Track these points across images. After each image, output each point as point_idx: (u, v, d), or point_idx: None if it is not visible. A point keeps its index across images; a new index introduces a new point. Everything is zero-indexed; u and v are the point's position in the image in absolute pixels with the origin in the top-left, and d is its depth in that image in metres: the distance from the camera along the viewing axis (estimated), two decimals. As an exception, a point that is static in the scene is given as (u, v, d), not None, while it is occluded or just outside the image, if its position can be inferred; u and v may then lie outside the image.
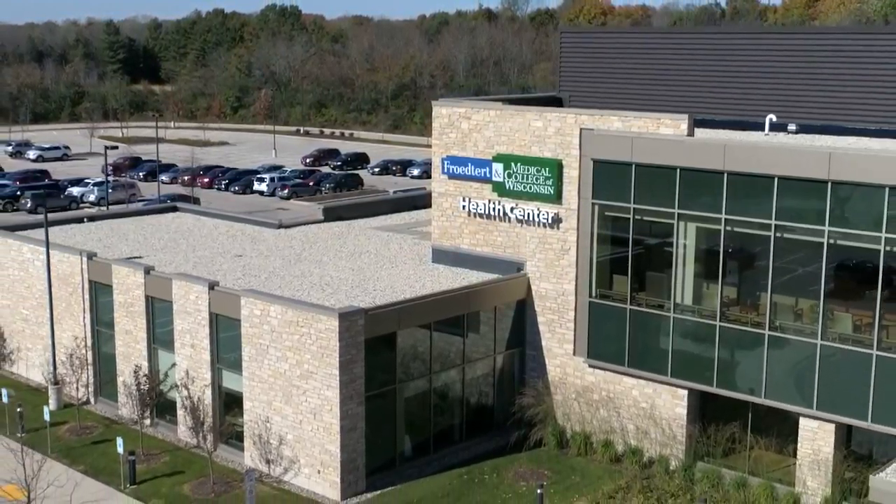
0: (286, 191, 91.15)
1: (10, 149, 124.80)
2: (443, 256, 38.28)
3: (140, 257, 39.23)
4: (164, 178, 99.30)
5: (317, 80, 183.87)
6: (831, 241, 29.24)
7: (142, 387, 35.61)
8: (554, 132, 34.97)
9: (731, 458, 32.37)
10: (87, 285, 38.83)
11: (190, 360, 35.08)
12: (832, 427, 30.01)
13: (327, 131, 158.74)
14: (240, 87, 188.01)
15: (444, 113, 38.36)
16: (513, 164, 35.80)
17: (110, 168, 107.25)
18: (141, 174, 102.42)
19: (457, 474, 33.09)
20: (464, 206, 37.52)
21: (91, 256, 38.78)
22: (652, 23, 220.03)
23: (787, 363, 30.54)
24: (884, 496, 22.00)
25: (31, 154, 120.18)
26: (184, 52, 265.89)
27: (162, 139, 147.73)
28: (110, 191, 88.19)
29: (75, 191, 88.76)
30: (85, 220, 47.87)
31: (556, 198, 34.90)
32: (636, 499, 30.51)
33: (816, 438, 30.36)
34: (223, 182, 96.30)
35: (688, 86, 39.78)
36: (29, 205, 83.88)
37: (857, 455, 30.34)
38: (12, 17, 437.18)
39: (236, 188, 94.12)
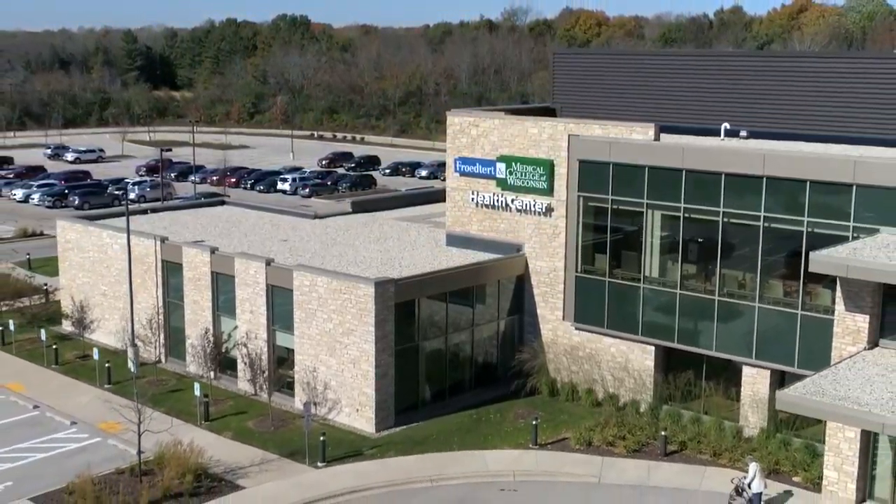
0: (307, 190, 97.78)
1: (48, 151, 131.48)
2: (455, 240, 45.06)
3: (203, 241, 45.95)
4: (194, 178, 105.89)
5: (328, 88, 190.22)
6: (766, 224, 35.90)
7: (208, 346, 42.41)
8: (547, 137, 41.72)
9: (689, 401, 39.08)
10: (160, 264, 45.60)
11: (249, 323, 41.85)
12: (767, 373, 36.64)
13: (339, 135, 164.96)
14: (256, 93, 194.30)
15: (456, 121, 45.17)
16: (513, 164, 42.57)
17: (144, 169, 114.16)
18: (172, 175, 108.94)
19: (467, 415, 39.82)
20: (472, 199, 44.32)
21: (164, 240, 45.59)
22: (644, 34, 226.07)
23: (733, 323, 37.22)
24: (785, 405, 28.75)
25: (69, 156, 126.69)
26: (198, 59, 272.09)
27: (188, 143, 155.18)
28: (148, 189, 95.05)
29: (116, 189, 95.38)
30: (148, 211, 54.57)
31: (549, 191, 41.67)
32: (611, 430, 37.20)
33: (755, 383, 37.00)
34: (249, 182, 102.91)
35: (659, 99, 46.33)
36: (77, 202, 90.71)
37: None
38: (27, 24, 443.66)
39: (261, 188, 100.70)
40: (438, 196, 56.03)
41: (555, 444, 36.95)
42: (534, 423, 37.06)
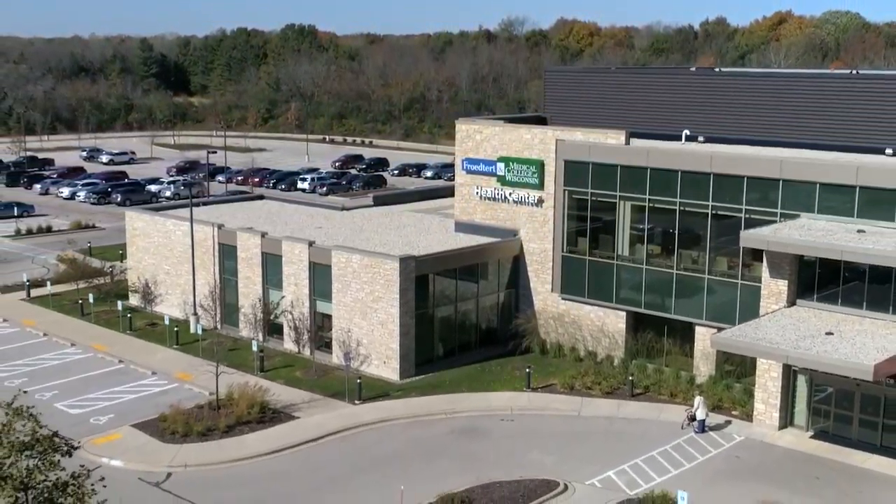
0: (324, 188, 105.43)
1: (84, 154, 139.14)
2: (462, 227, 52.91)
3: (252, 228, 53.76)
4: (220, 178, 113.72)
5: (337, 95, 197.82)
6: (713, 212, 43.79)
7: (259, 314, 50.28)
8: (538, 142, 49.60)
9: (653, 356, 46.94)
10: (216, 247, 53.45)
11: (294, 294, 49.72)
12: (715, 331, 44.35)
13: (349, 139, 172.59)
14: (269, 100, 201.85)
15: (463, 128, 53.01)
16: (511, 163, 50.44)
17: (174, 170, 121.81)
18: (201, 175, 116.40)
19: (473, 367, 47.69)
20: (477, 193, 52.19)
21: (220, 226, 53.46)
22: (634, 43, 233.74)
23: (688, 291, 45.08)
24: (718, 345, 36.65)
25: (104, 158, 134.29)
26: (211, 66, 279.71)
27: (210, 146, 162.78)
28: (182, 188, 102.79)
29: (153, 188, 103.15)
30: (200, 205, 62.35)
31: (540, 186, 49.53)
32: (589, 378, 45.06)
33: (705, 339, 44.58)
34: (271, 181, 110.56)
35: (632, 109, 53.82)
36: (119, 199, 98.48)
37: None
38: (40, 31, 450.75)
39: (282, 186, 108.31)
40: (446, 192, 64.01)
41: (544, 389, 44.84)
42: (527, 371, 44.99)
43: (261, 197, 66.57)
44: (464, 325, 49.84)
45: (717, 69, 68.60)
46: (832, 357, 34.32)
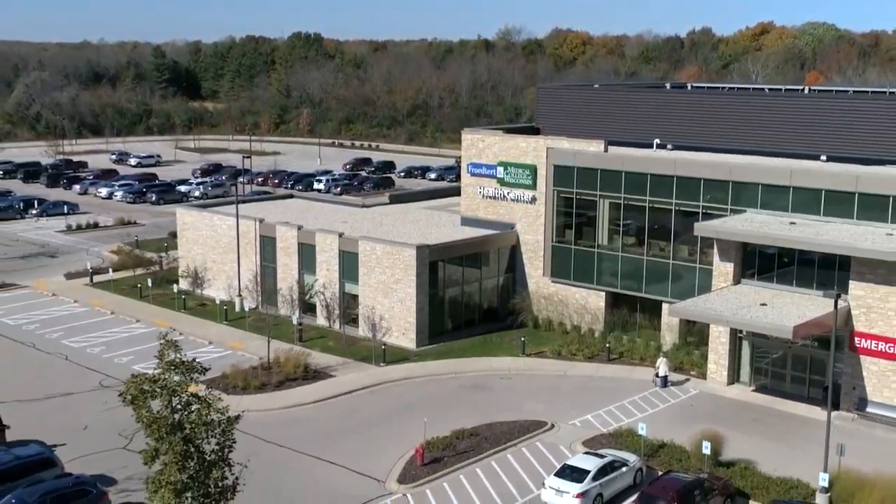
0: (338, 189, 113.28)
1: (113, 157, 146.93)
2: (467, 221, 60.94)
3: (288, 222, 61.75)
4: (242, 179, 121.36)
5: (344, 101, 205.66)
6: (676, 208, 51.83)
7: (295, 295, 58.32)
8: (532, 149, 57.66)
9: (627, 328, 54.99)
10: (258, 239, 61.47)
11: (326, 277, 57.76)
12: (678, 307, 52.58)
13: (357, 143, 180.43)
14: (281, 106, 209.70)
15: (468, 137, 61.08)
16: (509, 167, 58.49)
17: (199, 172, 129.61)
18: (223, 177, 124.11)
19: (477, 338, 55.75)
20: (480, 192, 60.25)
21: (261, 221, 61.51)
22: (625, 52, 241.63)
23: (656, 274, 53.14)
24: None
25: (132, 161, 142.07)
26: (221, 72, 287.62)
27: (227, 150, 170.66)
28: (210, 188, 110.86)
29: (183, 188, 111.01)
30: (238, 202, 70.20)
31: (533, 186, 57.58)
32: (574, 346, 53.14)
33: (680, 317, 52.74)
34: (289, 183, 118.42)
35: (612, 120, 61.83)
36: (153, 198, 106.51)
37: (693, 323, 52.85)
38: (51, 36, 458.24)
39: (299, 187, 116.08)
40: (452, 192, 72.10)
41: (536, 355, 52.93)
42: (522, 340, 53.10)
43: (290, 196, 74.67)
44: (469, 304, 57.95)
45: (689, 85, 76.59)
46: (762, 321, 42.51)
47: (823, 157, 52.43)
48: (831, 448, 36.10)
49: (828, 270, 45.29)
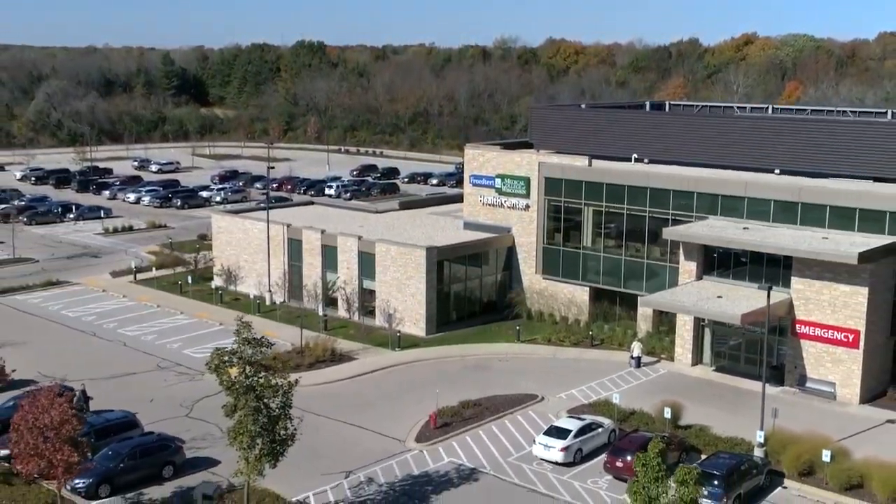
0: (348, 194, 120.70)
1: (135, 163, 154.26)
2: (469, 225, 68.54)
3: (312, 226, 69.26)
4: (258, 185, 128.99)
5: (349, 108, 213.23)
6: (650, 215, 59.43)
7: (319, 290, 65.87)
8: (526, 163, 65.28)
9: (608, 319, 62.63)
10: (286, 241, 68.99)
11: (346, 275, 65.32)
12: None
13: (362, 150, 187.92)
14: (288, 113, 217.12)
15: (470, 153, 68.71)
16: (505, 179, 66.09)
17: (217, 178, 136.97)
18: (240, 183, 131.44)
19: (478, 328, 63.33)
20: (480, 200, 67.84)
21: (288, 225, 69.05)
22: (616, 61, 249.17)
23: (633, 271, 60.76)
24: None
25: (153, 168, 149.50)
26: (228, 80, 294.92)
27: (240, 156, 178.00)
28: (230, 194, 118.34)
29: (204, 194, 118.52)
30: (262, 209, 77.76)
31: (527, 195, 65.18)
32: (562, 334, 60.76)
33: (651, 307, 60.34)
34: (301, 188, 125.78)
35: (596, 137, 69.07)
36: (179, 203, 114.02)
37: (664, 313, 60.36)
38: (53, 41, 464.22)
39: (311, 193, 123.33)
40: (455, 199, 79.66)
41: (530, 341, 60.53)
42: (517, 329, 60.75)
43: (311, 202, 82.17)
44: (471, 297, 65.58)
45: (667, 104, 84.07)
46: (716, 310, 50.23)
47: (777, 171, 59.92)
48: (768, 413, 43.76)
49: (774, 268, 52.92)
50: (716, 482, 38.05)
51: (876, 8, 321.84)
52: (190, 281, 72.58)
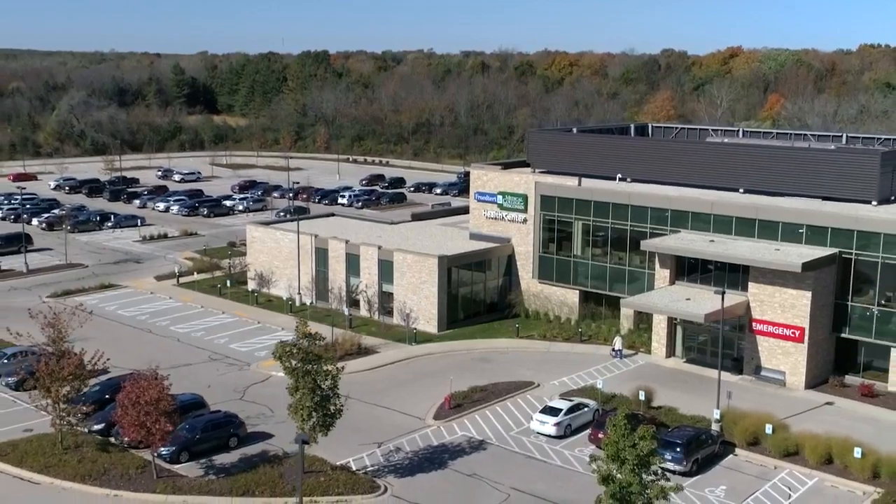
0: (360, 203, 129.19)
1: (159, 173, 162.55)
2: (475, 236, 77.09)
3: (336, 237, 77.72)
4: (276, 194, 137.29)
5: (355, 119, 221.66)
6: (631, 229, 68.00)
7: (343, 293, 74.39)
8: (523, 182, 73.85)
9: (596, 318, 71.19)
10: (314, 250, 77.47)
11: (367, 279, 73.84)
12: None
13: (369, 159, 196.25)
14: (298, 123, 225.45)
15: (475, 173, 77.34)
16: (506, 196, 74.66)
17: (237, 187, 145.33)
18: (259, 192, 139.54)
19: (482, 325, 71.88)
20: (484, 214, 76.40)
21: (316, 236, 77.55)
22: (608, 73, 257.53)
23: (617, 277, 69.30)
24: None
25: (176, 177, 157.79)
26: (236, 88, 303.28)
27: (255, 165, 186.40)
28: (251, 203, 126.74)
29: (227, 203, 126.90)
30: (290, 220, 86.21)
31: (525, 210, 73.76)
32: (555, 331, 69.32)
33: (632, 308, 68.87)
34: (316, 198, 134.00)
35: (586, 159, 77.61)
36: (205, 212, 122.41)
37: (642, 313, 68.82)
38: (59, 45, 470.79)
39: (326, 202, 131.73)
40: (462, 211, 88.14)
41: (527, 337, 69.08)
42: (516, 327, 69.32)
43: (332, 214, 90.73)
44: (476, 299, 74.15)
45: (650, 126, 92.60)
46: (684, 310, 58.87)
47: (741, 191, 68.53)
48: (723, 396, 52.39)
49: (735, 274, 61.51)
50: (678, 449, 46.67)
51: (858, 20, 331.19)
52: (228, 284, 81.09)
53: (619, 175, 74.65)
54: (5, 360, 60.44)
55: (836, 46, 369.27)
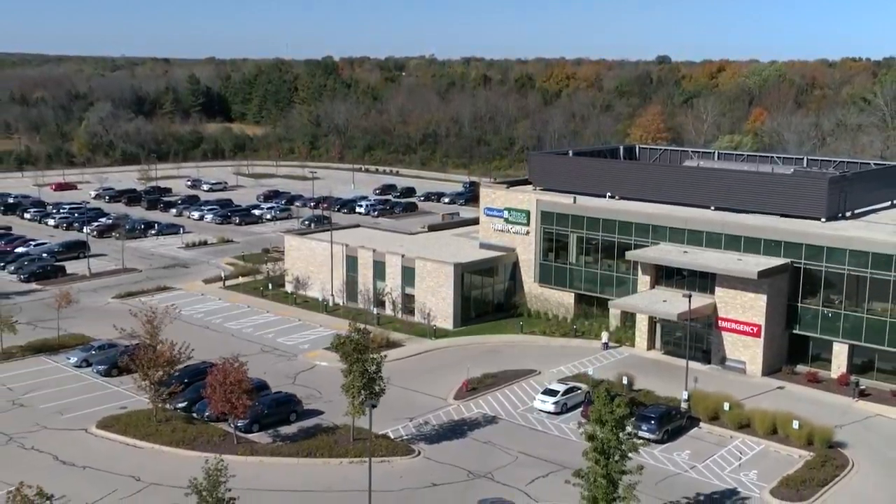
0: (376, 213, 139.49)
1: (189, 183, 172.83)
2: (484, 246, 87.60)
3: (364, 246, 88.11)
4: (297, 203, 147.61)
5: (365, 130, 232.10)
6: (618, 241, 78.48)
7: (370, 295, 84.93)
8: (526, 200, 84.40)
9: (588, 317, 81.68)
10: (345, 257, 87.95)
11: (392, 283, 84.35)
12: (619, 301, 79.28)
13: (380, 168, 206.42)
14: (312, 134, 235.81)
15: (484, 191, 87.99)
16: (511, 211, 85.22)
17: (262, 197, 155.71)
18: (283, 202, 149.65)
19: (491, 323, 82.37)
20: (492, 227, 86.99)
21: (346, 245, 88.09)
22: (602, 85, 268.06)
23: (606, 282, 79.75)
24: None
25: (205, 187, 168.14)
26: (249, 97, 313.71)
27: (274, 174, 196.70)
28: (277, 212, 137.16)
29: (256, 212, 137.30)
30: (325, 230, 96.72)
31: (527, 224, 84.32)
32: (553, 328, 79.80)
33: (615, 307, 79.15)
34: (336, 206, 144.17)
35: (580, 178, 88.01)
36: (237, 220, 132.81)
37: (627, 312, 79.18)
38: (66, 49, 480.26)
39: (344, 210, 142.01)
40: (472, 222, 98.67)
41: (530, 333, 79.59)
42: (520, 324, 79.89)
43: (357, 226, 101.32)
44: (485, 300, 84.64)
45: (636, 147, 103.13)
46: (661, 310, 69.40)
47: (712, 208, 78.99)
48: (691, 381, 62.96)
49: (705, 280, 71.99)
50: (652, 421, 57.17)
51: (841, 34, 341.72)
52: (270, 287, 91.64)
53: (609, 193, 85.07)
54: (93, 352, 70.98)
55: (824, 55, 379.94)
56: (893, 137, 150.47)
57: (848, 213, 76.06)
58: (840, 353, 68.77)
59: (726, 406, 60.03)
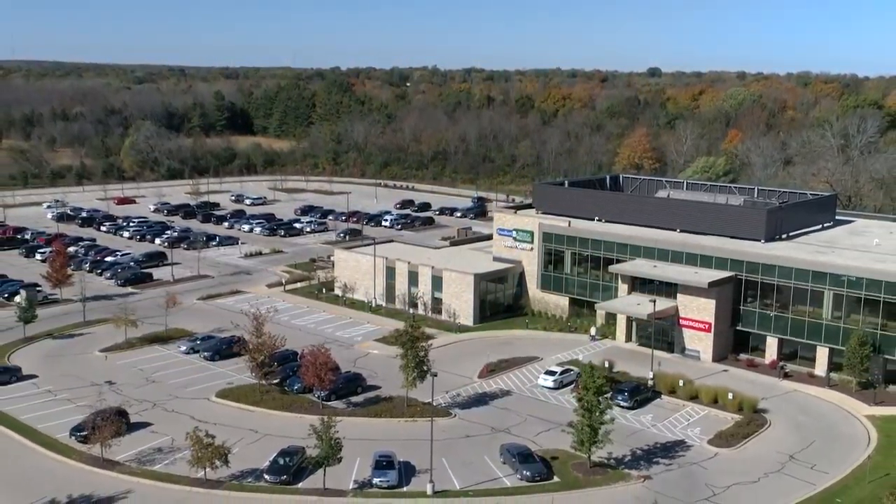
0: (399, 226, 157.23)
1: (232, 197, 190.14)
2: (497, 259, 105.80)
3: (400, 258, 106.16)
4: (331, 217, 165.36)
5: (381, 147, 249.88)
6: (604, 256, 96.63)
7: (406, 298, 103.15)
8: (531, 222, 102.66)
9: (580, 316, 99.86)
10: (385, 268, 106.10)
11: (424, 289, 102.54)
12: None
13: (397, 184, 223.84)
14: (334, 151, 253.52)
15: (497, 215, 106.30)
16: (518, 231, 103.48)
17: (299, 211, 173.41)
18: (318, 216, 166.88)
19: (504, 321, 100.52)
20: (503, 244, 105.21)
21: (386, 258, 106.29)
22: (595, 105, 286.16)
23: (594, 289, 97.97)
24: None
25: (247, 201, 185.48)
26: (270, 112, 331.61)
27: (304, 189, 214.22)
28: (315, 225, 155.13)
29: (297, 225, 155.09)
30: (368, 244, 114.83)
31: (531, 242, 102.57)
32: (553, 324, 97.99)
33: (602, 308, 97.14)
34: (364, 220, 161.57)
35: (576, 205, 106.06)
36: (282, 233, 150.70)
37: (610, 313, 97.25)
38: (80, 56, 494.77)
39: (372, 224, 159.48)
40: (486, 238, 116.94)
41: (534, 328, 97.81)
42: (527, 322, 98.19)
43: (391, 240, 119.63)
44: (499, 303, 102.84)
45: (620, 176, 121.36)
46: (635, 311, 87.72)
47: (678, 230, 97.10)
48: (655, 365, 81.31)
49: (670, 288, 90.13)
50: (626, 393, 75.47)
51: (819, 50, 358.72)
52: (324, 291, 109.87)
53: (597, 217, 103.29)
54: (198, 342, 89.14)
55: (807, 68, 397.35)
56: (844, 165, 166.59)
57: (784, 236, 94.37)
58: (772, 345, 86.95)
59: (681, 383, 78.32)
